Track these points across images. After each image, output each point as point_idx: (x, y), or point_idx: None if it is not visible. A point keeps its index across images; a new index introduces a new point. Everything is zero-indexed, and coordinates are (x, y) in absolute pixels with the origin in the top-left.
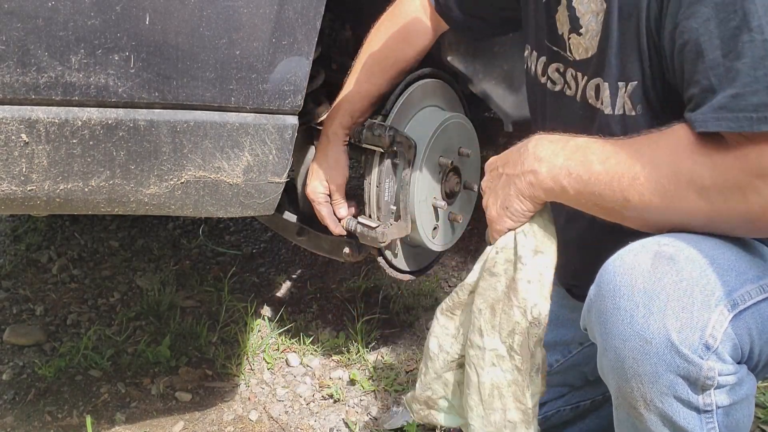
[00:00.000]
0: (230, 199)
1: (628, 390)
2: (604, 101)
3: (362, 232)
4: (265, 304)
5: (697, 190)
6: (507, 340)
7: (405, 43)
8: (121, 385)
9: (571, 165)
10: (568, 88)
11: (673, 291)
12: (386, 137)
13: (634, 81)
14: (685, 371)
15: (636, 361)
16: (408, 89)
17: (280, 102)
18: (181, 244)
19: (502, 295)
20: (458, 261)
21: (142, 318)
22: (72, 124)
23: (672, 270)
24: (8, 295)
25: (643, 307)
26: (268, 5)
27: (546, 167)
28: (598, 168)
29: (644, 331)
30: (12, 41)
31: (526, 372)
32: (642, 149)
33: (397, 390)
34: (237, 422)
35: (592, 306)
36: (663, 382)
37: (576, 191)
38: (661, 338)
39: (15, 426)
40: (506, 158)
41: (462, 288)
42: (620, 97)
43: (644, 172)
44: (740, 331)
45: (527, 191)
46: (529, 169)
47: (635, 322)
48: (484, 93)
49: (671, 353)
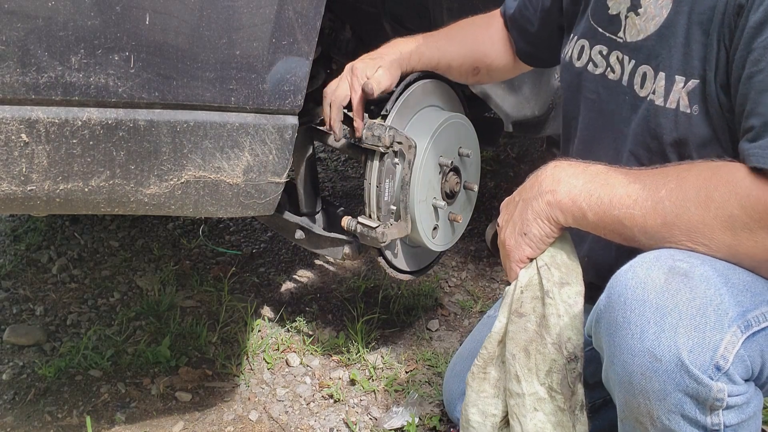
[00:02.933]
0: (230, 199)
1: (635, 405)
2: (657, 91)
3: (362, 232)
4: (265, 304)
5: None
6: (546, 381)
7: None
8: (121, 385)
9: (592, 187)
10: (611, 72)
11: (686, 309)
12: (386, 137)
13: (696, 79)
14: (694, 391)
15: (645, 377)
16: (408, 89)
17: (280, 102)
18: (181, 244)
19: (534, 335)
20: (458, 261)
21: (142, 318)
22: (72, 124)
23: (686, 287)
24: (8, 295)
25: (654, 324)
26: (268, 5)
27: (565, 187)
28: (621, 191)
29: (654, 349)
30: (12, 41)
31: (569, 411)
32: (669, 176)
33: (397, 390)
34: (237, 422)
35: (601, 317)
36: (671, 401)
37: (595, 214)
38: (672, 357)
39: (15, 426)
40: (522, 188)
41: (490, 340)
42: (676, 92)
43: (670, 197)
44: (752, 352)
45: (545, 212)
46: (547, 189)
47: (646, 338)
48: (484, 93)
49: (681, 373)
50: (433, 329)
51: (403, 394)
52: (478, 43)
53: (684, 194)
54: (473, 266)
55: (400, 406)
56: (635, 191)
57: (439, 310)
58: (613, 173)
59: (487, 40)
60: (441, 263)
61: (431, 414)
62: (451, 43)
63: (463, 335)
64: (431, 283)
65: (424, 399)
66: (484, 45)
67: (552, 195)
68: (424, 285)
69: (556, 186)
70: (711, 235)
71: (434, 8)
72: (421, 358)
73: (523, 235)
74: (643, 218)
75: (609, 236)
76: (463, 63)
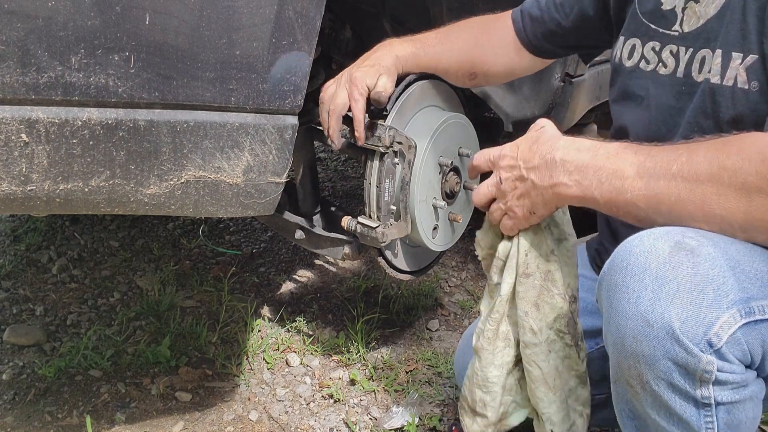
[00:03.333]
0: (230, 199)
1: (626, 366)
2: (713, 69)
3: (362, 232)
4: (265, 304)
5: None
6: (554, 326)
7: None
8: (121, 385)
9: (602, 175)
10: (662, 67)
11: (684, 282)
12: (386, 137)
13: (755, 54)
14: (683, 360)
15: (636, 340)
16: (408, 89)
17: (280, 102)
18: (181, 244)
19: (540, 290)
20: (458, 261)
21: (142, 318)
22: (72, 124)
23: (689, 262)
24: (8, 295)
25: (651, 291)
26: (268, 5)
27: (575, 180)
28: (631, 173)
29: (648, 314)
30: (12, 41)
31: (574, 345)
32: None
33: (397, 390)
34: (237, 422)
35: (603, 278)
36: (659, 367)
37: (607, 200)
38: (663, 324)
39: (15, 426)
40: (531, 161)
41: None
42: (733, 68)
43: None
44: (752, 339)
45: (554, 201)
46: (557, 181)
47: (640, 303)
48: (484, 93)
49: (671, 341)
50: (433, 329)
51: (403, 394)
52: (476, 48)
53: (696, 168)
54: (473, 266)
55: (400, 406)
56: (646, 171)
57: (439, 310)
58: (623, 153)
59: (487, 45)
60: (441, 263)
61: (431, 414)
62: (449, 49)
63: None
64: (431, 283)
65: (424, 399)
66: (483, 50)
67: (563, 188)
68: (424, 285)
69: (567, 178)
70: (726, 204)
71: (434, 8)
72: (421, 358)
73: (532, 213)
74: (656, 197)
75: (623, 218)
76: (459, 69)
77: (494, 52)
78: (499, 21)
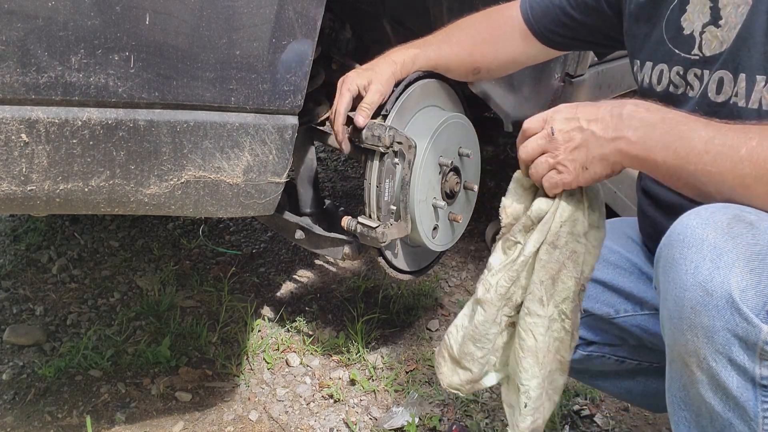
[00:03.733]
0: (230, 199)
1: (683, 342)
2: (739, 93)
3: (362, 232)
4: (265, 304)
5: None
6: (560, 306)
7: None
8: (121, 385)
9: (669, 139)
10: (690, 89)
11: (744, 252)
12: (386, 137)
13: None
14: (743, 332)
15: (694, 311)
16: (408, 89)
17: (280, 102)
18: (181, 244)
19: (561, 267)
20: (458, 261)
21: (142, 318)
22: (72, 124)
23: (748, 233)
24: (8, 295)
25: (709, 261)
26: (268, 5)
27: (641, 137)
28: (699, 146)
29: (707, 283)
30: (12, 41)
31: (571, 330)
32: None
33: (397, 390)
34: (237, 422)
35: (660, 255)
36: (719, 340)
37: (669, 168)
38: (723, 292)
39: (15, 426)
40: (594, 114)
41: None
42: (757, 91)
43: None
44: None
45: (613, 157)
46: (622, 135)
47: (699, 272)
48: (484, 93)
49: (731, 310)
50: (433, 329)
51: (403, 394)
52: (479, 43)
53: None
54: (473, 266)
55: (400, 406)
56: (715, 148)
57: (439, 310)
58: (693, 124)
59: (489, 38)
60: (441, 263)
61: (431, 414)
62: (450, 46)
63: None
64: (431, 283)
65: (424, 399)
66: (485, 45)
67: (626, 143)
68: (424, 285)
69: (632, 134)
70: None
71: (434, 8)
72: (421, 358)
73: (585, 168)
74: (720, 176)
75: (681, 189)
76: (461, 65)
77: (498, 45)
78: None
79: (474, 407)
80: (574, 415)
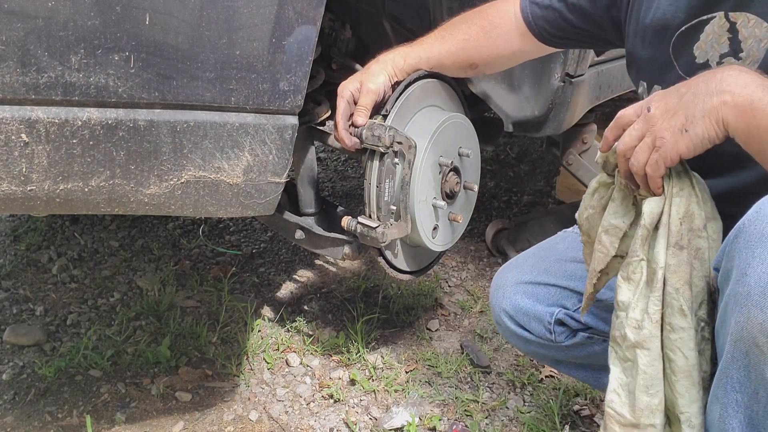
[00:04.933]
0: (230, 199)
1: (760, 320)
2: None
3: (362, 232)
4: (265, 304)
5: None
6: (699, 313)
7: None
8: (121, 385)
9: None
10: None
11: None
12: (386, 137)
13: None
14: None
15: None
16: (408, 89)
17: (280, 102)
18: (181, 244)
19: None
20: (458, 261)
21: (142, 318)
22: (72, 124)
23: None
24: (8, 295)
25: None
26: (268, 5)
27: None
28: None
29: None
30: (12, 41)
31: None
32: None
33: (397, 390)
34: (237, 422)
35: (742, 230)
36: None
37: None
38: None
39: (15, 426)
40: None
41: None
42: None
43: None
44: None
45: (717, 112)
46: (728, 89)
47: None
48: (484, 93)
49: None
50: (433, 329)
51: (403, 394)
52: (474, 39)
53: None
54: (473, 266)
55: (400, 406)
56: None
57: (439, 310)
58: None
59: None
60: (441, 263)
61: (431, 414)
62: (444, 44)
63: (463, 335)
64: (431, 283)
65: (424, 399)
66: (480, 41)
67: (731, 96)
68: (424, 285)
69: (740, 90)
70: None
71: (434, 8)
72: (421, 358)
73: (684, 131)
74: None
75: None
76: (456, 61)
77: (494, 40)
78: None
79: (474, 407)
80: (574, 415)
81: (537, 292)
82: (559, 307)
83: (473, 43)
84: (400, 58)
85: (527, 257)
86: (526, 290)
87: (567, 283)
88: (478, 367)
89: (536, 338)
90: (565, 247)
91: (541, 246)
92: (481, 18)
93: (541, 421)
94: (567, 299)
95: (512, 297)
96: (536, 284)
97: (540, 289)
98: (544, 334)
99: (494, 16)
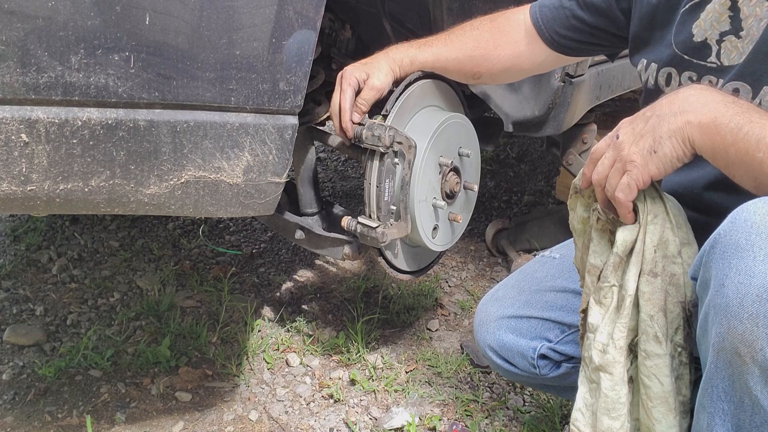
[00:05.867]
0: (230, 199)
1: (739, 331)
2: (763, 104)
3: (362, 232)
4: (265, 304)
5: None
6: (674, 338)
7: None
8: (121, 385)
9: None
10: None
11: None
12: (386, 137)
13: None
14: None
15: (759, 299)
16: (408, 89)
17: (280, 102)
18: (181, 244)
19: (666, 295)
20: (458, 261)
21: (142, 318)
22: (72, 124)
23: None
24: (8, 295)
25: None
26: (268, 5)
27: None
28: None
29: None
30: (12, 41)
31: (687, 364)
32: None
33: (397, 390)
34: (237, 422)
35: (718, 241)
36: None
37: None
38: None
39: (15, 426)
40: (656, 104)
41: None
42: None
43: None
44: None
45: (683, 131)
46: (690, 108)
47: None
48: (484, 93)
49: None
50: (433, 329)
51: (403, 394)
52: (480, 48)
53: None
54: (473, 266)
55: (400, 406)
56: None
57: (439, 310)
58: (752, 108)
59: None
60: (441, 263)
61: (431, 414)
62: (450, 49)
63: (463, 335)
64: (431, 283)
65: (424, 399)
66: (487, 47)
67: (695, 115)
68: (424, 285)
69: (702, 108)
70: None
71: (434, 8)
72: (421, 358)
73: (653, 152)
74: None
75: (740, 178)
76: (460, 68)
77: (502, 49)
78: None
79: (474, 407)
80: None
81: (519, 327)
82: (543, 340)
83: (481, 51)
84: (408, 61)
85: (507, 288)
86: (509, 325)
87: (548, 314)
88: (478, 367)
89: (521, 371)
90: (543, 275)
91: (520, 273)
92: (491, 26)
93: (541, 421)
94: (549, 331)
95: (495, 333)
96: (518, 318)
97: (522, 322)
98: (529, 369)
99: (504, 24)
